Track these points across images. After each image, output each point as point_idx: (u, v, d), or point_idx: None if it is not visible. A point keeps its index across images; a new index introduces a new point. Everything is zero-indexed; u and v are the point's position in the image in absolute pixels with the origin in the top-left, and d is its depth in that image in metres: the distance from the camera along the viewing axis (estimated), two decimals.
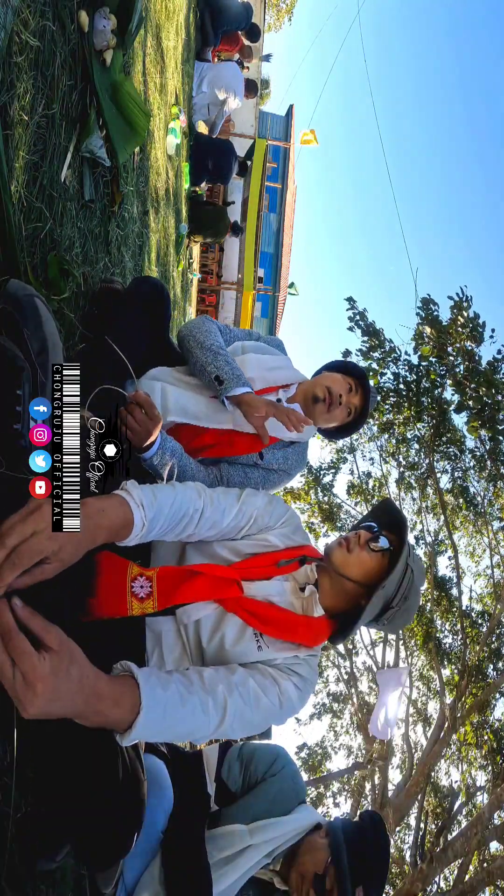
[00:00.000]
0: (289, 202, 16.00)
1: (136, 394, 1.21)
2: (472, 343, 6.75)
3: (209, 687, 0.96)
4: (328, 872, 1.21)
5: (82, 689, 0.76)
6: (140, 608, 1.05)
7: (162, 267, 3.48)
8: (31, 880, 1.04)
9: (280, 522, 1.22)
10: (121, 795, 0.91)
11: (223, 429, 1.47)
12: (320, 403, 1.58)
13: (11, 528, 0.74)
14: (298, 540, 1.23)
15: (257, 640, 1.10)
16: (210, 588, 1.08)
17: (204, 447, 1.48)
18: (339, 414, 1.61)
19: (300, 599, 1.17)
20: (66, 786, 0.90)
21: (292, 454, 1.59)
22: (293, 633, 1.11)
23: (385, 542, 1.22)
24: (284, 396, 1.60)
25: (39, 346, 1.02)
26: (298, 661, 1.12)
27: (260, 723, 1.03)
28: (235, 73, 5.59)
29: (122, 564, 1.07)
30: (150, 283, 1.56)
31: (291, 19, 22.85)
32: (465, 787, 7.30)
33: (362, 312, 7.47)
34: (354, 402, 1.62)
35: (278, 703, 1.05)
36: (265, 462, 1.53)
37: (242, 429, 1.47)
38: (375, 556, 1.21)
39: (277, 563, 1.17)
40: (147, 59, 2.64)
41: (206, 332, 1.48)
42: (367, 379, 1.65)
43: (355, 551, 1.21)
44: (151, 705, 0.84)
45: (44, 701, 0.71)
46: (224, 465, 1.50)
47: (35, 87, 1.21)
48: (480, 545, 8.42)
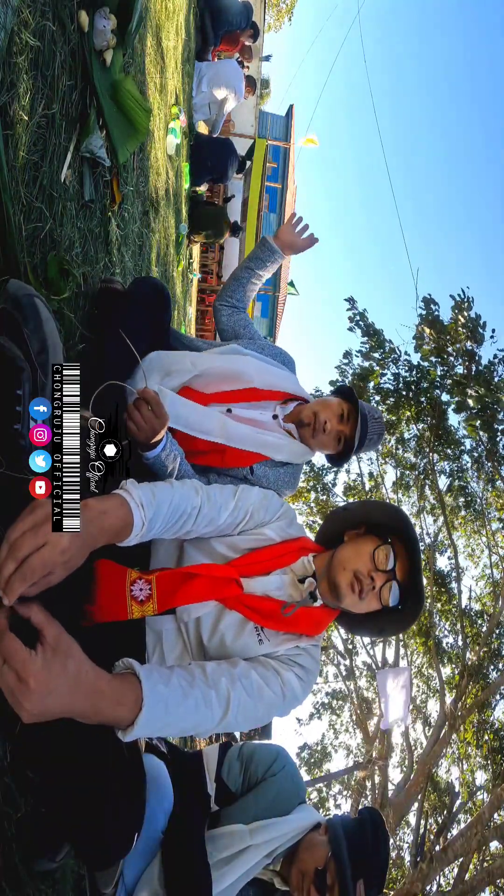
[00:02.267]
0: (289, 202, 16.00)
1: (144, 390, 1.20)
2: (472, 343, 6.76)
3: (212, 680, 0.96)
4: (329, 867, 1.21)
5: (80, 684, 0.75)
6: (140, 611, 1.05)
7: (162, 267, 3.48)
8: (31, 880, 1.04)
9: (275, 517, 1.22)
10: (121, 796, 0.91)
11: (214, 442, 1.46)
12: (305, 428, 1.56)
13: (22, 540, 0.73)
14: (294, 533, 1.23)
15: (258, 634, 1.10)
16: (209, 588, 1.09)
17: (197, 452, 1.47)
18: (328, 441, 1.57)
19: (299, 591, 1.17)
20: (66, 786, 0.90)
21: (284, 475, 1.56)
22: (294, 624, 1.11)
23: (396, 598, 1.15)
24: (282, 413, 1.59)
25: (39, 346, 1.02)
26: (300, 651, 1.13)
27: (263, 715, 1.03)
28: (235, 70, 5.58)
29: (120, 571, 1.07)
30: (150, 283, 1.56)
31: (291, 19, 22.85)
32: (466, 787, 7.30)
33: (362, 313, 7.48)
34: (343, 430, 1.57)
35: (281, 694, 1.05)
36: (255, 477, 1.51)
37: (233, 444, 1.47)
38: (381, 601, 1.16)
39: (274, 557, 1.17)
40: (147, 59, 2.64)
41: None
42: (359, 407, 1.58)
43: (367, 598, 1.14)
44: (153, 701, 0.84)
45: (38, 697, 0.71)
46: (213, 475, 1.49)
47: (35, 87, 1.21)
48: (479, 545, 8.43)
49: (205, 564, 1.12)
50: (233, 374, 1.52)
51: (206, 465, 1.50)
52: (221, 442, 1.46)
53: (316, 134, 9.71)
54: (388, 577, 1.13)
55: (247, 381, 1.53)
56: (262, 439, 1.49)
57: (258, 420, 1.55)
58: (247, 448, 1.49)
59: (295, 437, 1.58)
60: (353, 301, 7.53)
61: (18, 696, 0.70)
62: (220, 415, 1.48)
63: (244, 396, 1.54)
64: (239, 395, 1.53)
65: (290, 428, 1.58)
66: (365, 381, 7.50)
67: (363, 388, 7.58)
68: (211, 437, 1.45)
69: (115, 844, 0.93)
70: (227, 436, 1.46)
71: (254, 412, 1.55)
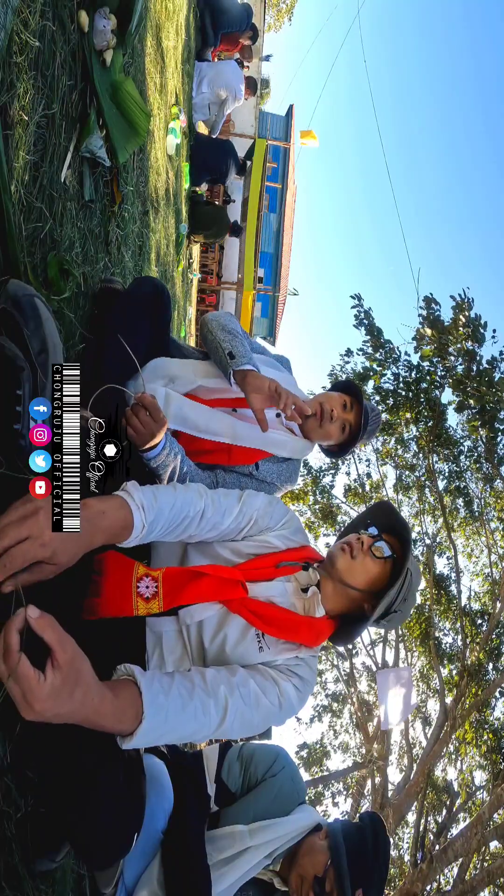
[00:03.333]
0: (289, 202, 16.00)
1: (142, 395, 1.21)
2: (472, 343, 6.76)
3: (211, 688, 0.96)
4: (328, 875, 1.21)
5: (84, 709, 0.76)
6: (146, 608, 1.05)
7: (162, 267, 3.48)
8: (31, 880, 1.04)
9: (280, 524, 1.22)
10: (121, 795, 0.91)
11: (221, 442, 1.49)
12: (311, 419, 1.58)
13: (6, 530, 0.74)
14: (299, 541, 1.23)
15: (259, 641, 1.10)
16: (215, 589, 1.08)
17: (203, 451, 1.49)
18: (333, 430, 1.61)
19: (302, 600, 1.17)
20: (66, 786, 0.90)
21: (285, 470, 1.61)
22: (295, 634, 1.11)
23: (388, 550, 1.21)
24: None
25: (39, 346, 1.02)
26: (298, 661, 1.13)
27: (259, 723, 1.04)
28: (235, 71, 5.58)
29: (128, 564, 1.07)
30: (150, 283, 1.56)
31: (291, 19, 22.85)
32: (465, 787, 7.30)
33: (367, 311, 7.44)
34: (348, 418, 1.62)
35: (278, 704, 1.05)
36: (259, 473, 1.55)
37: (240, 443, 1.49)
38: (378, 563, 1.21)
39: (278, 564, 1.17)
40: (147, 59, 2.64)
41: (232, 320, 1.53)
42: (363, 396, 1.65)
43: (359, 558, 1.20)
44: (153, 712, 0.85)
45: (41, 717, 0.72)
46: (220, 472, 1.51)
47: (35, 87, 1.21)
48: (478, 545, 8.43)
49: (212, 565, 1.12)
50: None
51: (213, 464, 1.51)
52: (229, 442, 1.49)
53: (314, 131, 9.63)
54: (374, 539, 1.23)
55: None
56: (269, 437, 1.51)
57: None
58: (253, 446, 1.52)
59: (297, 434, 1.61)
60: (360, 298, 7.47)
61: (22, 710, 0.71)
62: (227, 416, 1.51)
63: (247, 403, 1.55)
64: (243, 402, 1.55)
65: (291, 425, 1.60)
66: (364, 380, 7.49)
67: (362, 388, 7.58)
68: (219, 438, 1.48)
69: (115, 844, 0.93)
70: (235, 436, 1.49)
71: None
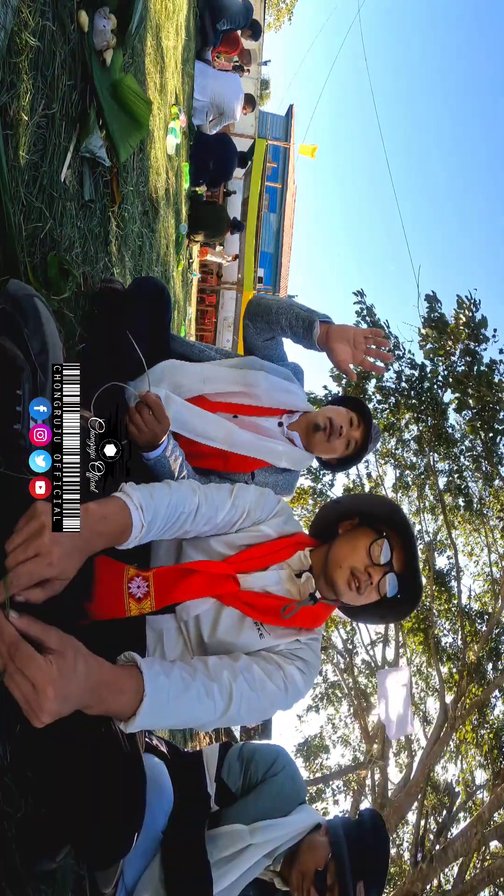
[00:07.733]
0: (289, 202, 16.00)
1: (146, 394, 1.20)
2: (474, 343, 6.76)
3: (214, 673, 0.97)
4: (329, 868, 1.21)
5: (88, 681, 0.77)
6: (138, 608, 1.06)
7: (162, 267, 3.48)
8: (31, 880, 1.04)
9: (272, 514, 1.22)
10: (121, 795, 0.91)
11: (217, 447, 1.48)
12: (320, 432, 1.58)
13: (14, 553, 0.75)
14: (291, 528, 1.24)
15: (258, 628, 1.11)
16: (206, 585, 1.09)
17: (200, 455, 1.48)
18: (339, 445, 1.61)
19: (296, 585, 1.18)
20: (66, 786, 0.90)
21: (282, 481, 1.60)
22: (292, 619, 1.12)
23: (395, 588, 1.15)
24: (287, 422, 1.60)
25: (39, 346, 1.02)
26: (300, 645, 1.14)
27: (267, 707, 1.04)
28: (237, 88, 5.61)
29: (118, 567, 1.08)
30: (151, 283, 1.56)
31: (291, 19, 22.83)
32: (465, 786, 7.30)
33: (370, 308, 7.40)
34: (355, 435, 1.62)
35: (284, 687, 1.06)
36: (255, 483, 1.54)
37: (236, 450, 1.49)
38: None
39: (271, 552, 1.17)
40: (147, 59, 2.64)
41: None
42: (370, 415, 1.65)
43: (365, 593, 1.15)
44: (155, 691, 0.85)
45: (56, 704, 0.72)
46: (215, 479, 1.51)
47: (35, 87, 1.21)
48: (479, 544, 8.43)
49: (202, 561, 1.12)
50: (242, 392, 1.55)
51: (208, 469, 1.51)
52: (225, 448, 1.48)
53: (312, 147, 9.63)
54: (385, 571, 1.14)
55: (255, 398, 1.55)
56: (266, 447, 1.52)
57: (263, 427, 1.56)
58: (250, 455, 1.51)
59: (296, 445, 1.60)
60: (363, 294, 7.43)
61: (35, 706, 0.71)
62: (226, 422, 1.50)
63: (250, 411, 1.56)
64: (246, 409, 1.56)
65: (293, 436, 1.60)
66: (366, 379, 7.48)
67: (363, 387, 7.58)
68: (215, 443, 1.48)
69: (115, 844, 0.93)
70: (232, 443, 1.48)
71: (259, 419, 1.57)
